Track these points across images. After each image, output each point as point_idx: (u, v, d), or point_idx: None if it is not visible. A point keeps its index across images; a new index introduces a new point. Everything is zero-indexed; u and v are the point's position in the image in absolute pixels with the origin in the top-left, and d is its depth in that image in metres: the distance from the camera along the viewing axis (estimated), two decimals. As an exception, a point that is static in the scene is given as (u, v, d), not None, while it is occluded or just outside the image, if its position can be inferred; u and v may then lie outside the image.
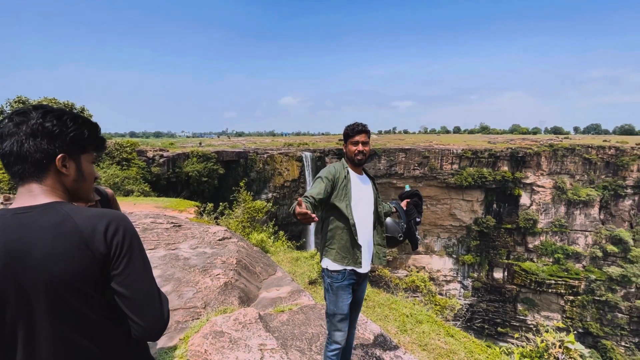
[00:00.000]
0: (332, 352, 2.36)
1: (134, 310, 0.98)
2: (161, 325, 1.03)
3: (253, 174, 41.76)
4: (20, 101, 14.82)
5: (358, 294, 2.50)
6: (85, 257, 0.93)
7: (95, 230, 0.95)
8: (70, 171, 1.04)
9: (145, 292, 1.01)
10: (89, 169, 1.12)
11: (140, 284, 1.00)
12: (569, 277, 42.09)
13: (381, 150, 47.31)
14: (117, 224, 0.99)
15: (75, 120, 1.05)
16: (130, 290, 0.98)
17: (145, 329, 0.99)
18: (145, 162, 30.68)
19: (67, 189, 1.06)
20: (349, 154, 2.37)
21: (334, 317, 2.34)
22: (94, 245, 0.94)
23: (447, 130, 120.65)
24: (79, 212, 0.98)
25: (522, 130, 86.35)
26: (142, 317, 0.99)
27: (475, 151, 46.33)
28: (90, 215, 0.98)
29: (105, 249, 0.95)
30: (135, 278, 0.99)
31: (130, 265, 0.99)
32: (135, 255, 1.00)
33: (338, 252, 2.30)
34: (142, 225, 6.65)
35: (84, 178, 1.09)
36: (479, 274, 46.85)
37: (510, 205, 46.44)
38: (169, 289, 4.15)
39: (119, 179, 20.72)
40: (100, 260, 0.95)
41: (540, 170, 45.85)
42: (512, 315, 44.07)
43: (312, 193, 2.15)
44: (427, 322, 5.23)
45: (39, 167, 0.99)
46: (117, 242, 0.97)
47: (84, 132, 1.07)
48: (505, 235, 46.59)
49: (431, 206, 48.26)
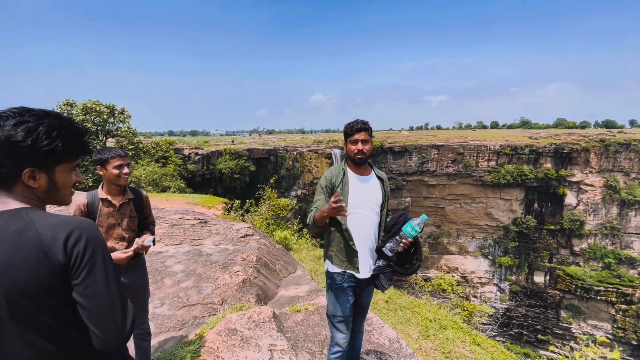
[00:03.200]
0: (334, 354, 2.29)
1: (92, 322, 0.97)
2: (120, 338, 1.01)
3: (283, 171, 42.39)
4: (69, 103, 16.08)
5: (362, 298, 2.40)
6: (44, 266, 0.91)
7: (55, 239, 0.93)
8: (40, 183, 1.02)
9: (105, 304, 0.99)
10: (64, 179, 1.08)
11: (101, 296, 0.98)
12: (621, 284, 38.54)
13: (412, 147, 46.01)
14: (79, 232, 0.97)
15: (49, 134, 0.99)
16: (90, 301, 0.96)
17: (103, 341, 0.98)
18: (182, 160, 32.16)
19: (38, 197, 1.04)
20: (349, 154, 2.27)
21: (333, 318, 2.29)
22: (52, 254, 0.92)
23: (483, 126, 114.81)
24: (43, 220, 0.96)
25: (569, 125, 79.90)
26: (100, 329, 0.98)
27: (515, 147, 43.65)
28: (54, 223, 0.96)
29: (64, 259, 0.93)
30: (95, 289, 0.97)
31: (90, 276, 0.97)
32: (97, 265, 0.98)
33: (337, 255, 2.26)
34: (171, 221, 6.94)
35: (57, 188, 1.07)
36: (517, 277, 44.27)
37: (553, 205, 43.34)
38: (189, 284, 4.28)
39: (157, 175, 21.86)
40: (59, 270, 0.93)
41: (588, 168, 42.30)
42: (555, 322, 41.22)
43: (317, 206, 2.26)
44: (452, 329, 4.98)
45: (4, 179, 0.97)
46: (77, 251, 0.95)
47: (58, 146, 1.01)
48: (548, 236, 43.59)
49: (465, 205, 46.27)
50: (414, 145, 46.16)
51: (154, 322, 3.49)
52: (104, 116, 17.17)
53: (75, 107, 15.86)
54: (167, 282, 4.34)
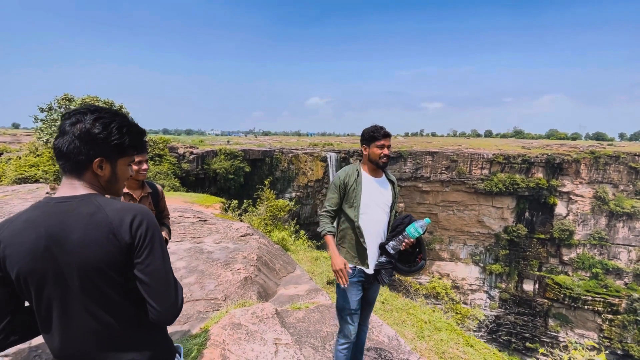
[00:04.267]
0: (343, 346, 2.40)
1: (151, 296, 1.08)
2: (175, 311, 1.12)
3: (278, 173, 42.40)
4: (67, 98, 15.94)
5: (370, 293, 2.52)
6: (113, 245, 1.03)
7: (122, 222, 1.05)
8: (105, 172, 1.15)
9: (163, 281, 1.10)
10: (123, 172, 1.22)
11: (159, 273, 1.09)
12: (608, 293, 39.27)
13: (407, 153, 46.46)
14: (141, 217, 1.09)
15: (120, 129, 1.15)
16: (150, 277, 1.08)
17: (160, 314, 1.09)
18: (176, 158, 31.97)
19: (101, 185, 1.17)
20: (373, 157, 2.37)
21: (343, 311, 2.40)
22: (120, 235, 1.04)
23: (477, 134, 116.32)
24: (110, 204, 1.09)
25: (560, 136, 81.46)
26: (158, 302, 1.09)
27: (508, 156, 44.36)
28: (119, 208, 1.09)
29: (130, 239, 1.05)
30: (154, 267, 1.09)
31: (151, 255, 1.08)
32: (156, 246, 1.10)
33: (348, 252, 2.40)
34: (171, 219, 6.98)
35: (117, 179, 1.20)
36: (507, 284, 44.79)
37: (544, 214, 44.06)
38: (192, 280, 4.35)
39: (151, 173, 21.76)
40: (125, 249, 1.05)
41: (579, 179, 43.16)
42: (543, 330, 41.74)
43: (330, 204, 2.40)
44: (446, 330, 5.11)
45: (79, 166, 1.10)
46: (140, 233, 1.07)
47: (126, 140, 1.16)
48: (538, 245, 44.25)
49: (458, 212, 46.78)
50: (409, 151, 46.62)
51: (158, 315, 3.56)
52: (102, 112, 17.01)
53: (74, 102, 15.76)
54: (169, 277, 4.40)
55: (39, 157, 17.14)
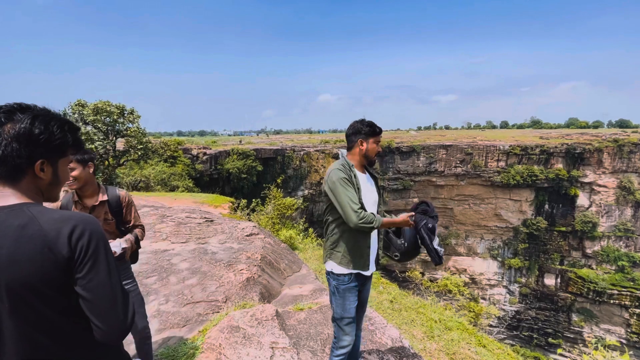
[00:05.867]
0: (339, 357, 2.29)
1: (95, 314, 0.99)
2: (122, 329, 1.02)
3: (290, 171, 42.51)
4: (80, 104, 16.40)
5: (363, 294, 2.41)
6: (48, 260, 0.93)
7: (59, 234, 0.95)
8: (47, 175, 1.05)
9: (108, 297, 1.00)
10: (64, 173, 1.13)
11: (103, 288, 1.00)
12: (635, 287, 37.66)
13: (420, 147, 45.70)
14: (83, 227, 0.98)
15: (62, 127, 1.06)
16: (92, 294, 0.98)
17: (105, 333, 1.00)
18: (190, 160, 32.50)
19: (40, 190, 1.07)
20: (370, 152, 2.25)
21: (341, 321, 2.27)
22: (57, 249, 0.94)
23: (493, 126, 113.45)
24: (46, 215, 0.98)
25: (581, 124, 78.43)
26: (103, 320, 0.99)
27: (525, 147, 43.03)
28: (56, 218, 0.98)
29: (68, 253, 0.95)
30: (97, 282, 0.99)
31: (94, 270, 0.98)
32: (99, 259, 1.00)
33: (344, 256, 2.22)
34: (177, 220, 7.02)
35: (58, 182, 1.11)
36: (527, 279, 43.60)
37: (564, 206, 42.58)
38: (194, 282, 4.32)
39: (166, 175, 22.14)
40: (63, 264, 0.95)
41: (601, 168, 41.46)
42: (566, 326, 40.47)
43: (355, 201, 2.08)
44: (457, 330, 4.92)
45: (17, 170, 1.00)
46: (81, 245, 0.97)
47: (69, 139, 1.08)
48: (559, 238, 42.84)
49: (474, 205, 45.76)
50: (422, 146, 45.84)
51: (158, 318, 3.54)
52: (114, 116, 17.47)
53: (87, 107, 16.16)
54: (172, 279, 4.39)
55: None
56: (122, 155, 19.78)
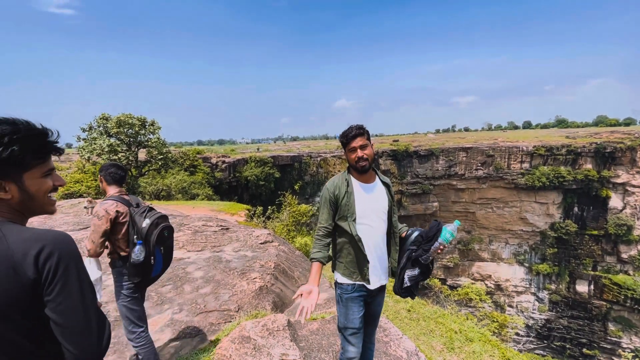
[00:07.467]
0: None
1: (66, 338, 0.94)
2: (96, 354, 0.98)
3: (307, 177, 42.68)
4: (104, 117, 17.20)
5: (373, 307, 2.30)
6: (13, 281, 0.88)
7: (26, 255, 0.89)
8: (11, 193, 0.97)
9: (80, 320, 0.95)
10: (37, 185, 1.01)
11: (74, 311, 0.95)
12: (678, 294, 35.02)
13: (439, 150, 44.78)
14: (52, 248, 0.92)
15: (1, 140, 0.91)
16: (63, 317, 0.93)
17: (77, 358, 0.95)
18: (210, 168, 33.26)
19: (14, 209, 0.99)
20: (350, 163, 2.19)
21: (345, 331, 2.20)
22: (22, 270, 0.88)
23: (515, 126, 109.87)
24: (16, 234, 0.93)
25: (611, 122, 74.53)
26: (74, 345, 0.95)
27: (550, 148, 41.30)
28: (27, 237, 0.92)
29: (34, 274, 0.90)
30: (68, 305, 0.94)
31: (64, 292, 0.93)
32: (70, 281, 0.94)
33: (346, 267, 2.17)
34: (194, 228, 7.12)
35: (32, 197, 1.01)
36: (557, 285, 41.46)
37: (596, 209, 40.37)
38: (207, 291, 4.33)
39: (186, 183, 22.74)
40: (29, 286, 0.89)
41: (635, 168, 39.10)
42: (602, 335, 38.05)
43: (323, 221, 2.15)
44: (479, 341, 4.69)
45: None
46: (49, 267, 0.91)
47: (14, 151, 0.93)
48: (591, 242, 40.57)
49: (497, 209, 44.19)
50: (441, 149, 44.91)
51: (171, 327, 3.56)
52: (136, 128, 18.18)
53: (110, 120, 16.91)
54: (186, 288, 4.43)
55: (83, 174, 18.55)
56: (144, 165, 20.48)
